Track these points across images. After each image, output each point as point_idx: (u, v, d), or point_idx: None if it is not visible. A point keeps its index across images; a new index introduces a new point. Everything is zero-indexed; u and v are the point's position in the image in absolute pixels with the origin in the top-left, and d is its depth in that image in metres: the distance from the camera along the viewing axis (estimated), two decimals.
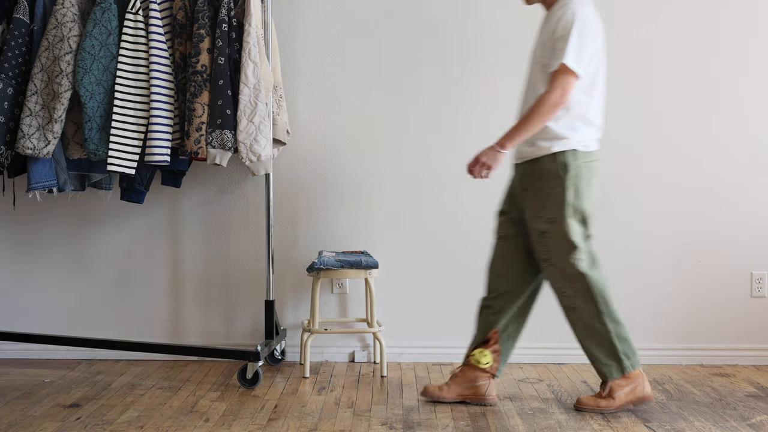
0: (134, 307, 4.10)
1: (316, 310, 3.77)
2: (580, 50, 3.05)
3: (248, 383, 3.55)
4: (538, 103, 3.06)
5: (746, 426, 3.08)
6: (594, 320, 3.21)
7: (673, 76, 4.02)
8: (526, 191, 3.21)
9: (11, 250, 4.11)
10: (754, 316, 4.04)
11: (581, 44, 3.05)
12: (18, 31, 3.53)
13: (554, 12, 3.16)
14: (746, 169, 4.03)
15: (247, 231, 4.07)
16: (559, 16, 3.11)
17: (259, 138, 3.50)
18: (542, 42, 3.18)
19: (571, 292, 3.22)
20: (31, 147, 3.49)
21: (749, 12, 4.01)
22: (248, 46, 3.49)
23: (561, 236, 3.16)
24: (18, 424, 3.08)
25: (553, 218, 3.16)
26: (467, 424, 3.08)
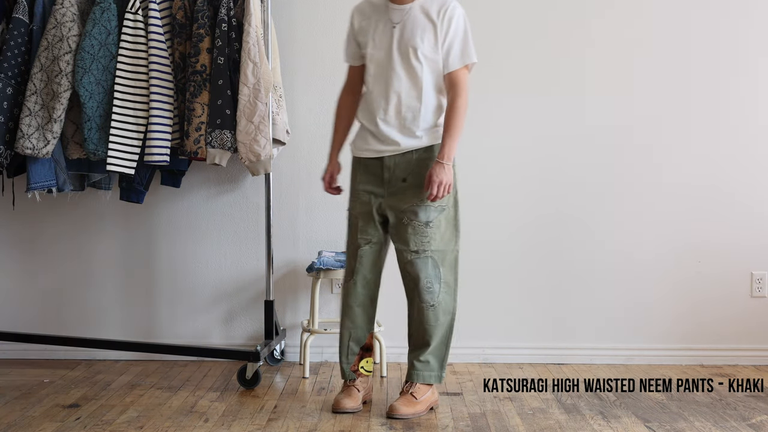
0: (133, 307, 4.10)
1: (315, 310, 3.77)
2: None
3: (248, 383, 3.54)
4: (459, 107, 3.11)
5: (746, 426, 3.08)
6: (449, 318, 3.23)
7: (673, 76, 4.02)
8: (407, 182, 3.17)
9: (11, 250, 4.11)
10: (754, 316, 4.03)
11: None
12: (17, 30, 3.53)
13: (428, 3, 3.14)
14: (746, 169, 4.03)
15: (246, 231, 4.07)
16: (444, 11, 3.11)
17: (258, 138, 3.50)
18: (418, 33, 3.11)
19: (437, 287, 3.18)
20: (30, 147, 3.48)
21: (751, 10, 4.00)
22: (248, 45, 3.49)
23: (450, 224, 3.21)
24: (17, 424, 3.07)
25: (443, 206, 3.18)
26: (467, 425, 3.08)
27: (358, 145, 3.25)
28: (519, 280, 4.05)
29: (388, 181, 3.18)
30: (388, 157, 3.17)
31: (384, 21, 3.17)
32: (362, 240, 3.22)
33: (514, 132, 4.04)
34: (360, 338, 3.29)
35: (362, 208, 3.22)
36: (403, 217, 3.17)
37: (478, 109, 4.03)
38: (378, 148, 3.18)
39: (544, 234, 4.04)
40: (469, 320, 4.05)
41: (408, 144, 3.16)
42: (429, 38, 3.12)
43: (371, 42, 3.17)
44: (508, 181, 4.04)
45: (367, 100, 3.22)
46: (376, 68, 3.17)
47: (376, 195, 3.20)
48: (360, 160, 3.23)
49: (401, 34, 3.14)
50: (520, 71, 4.03)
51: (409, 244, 3.16)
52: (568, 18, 4.02)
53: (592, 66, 4.02)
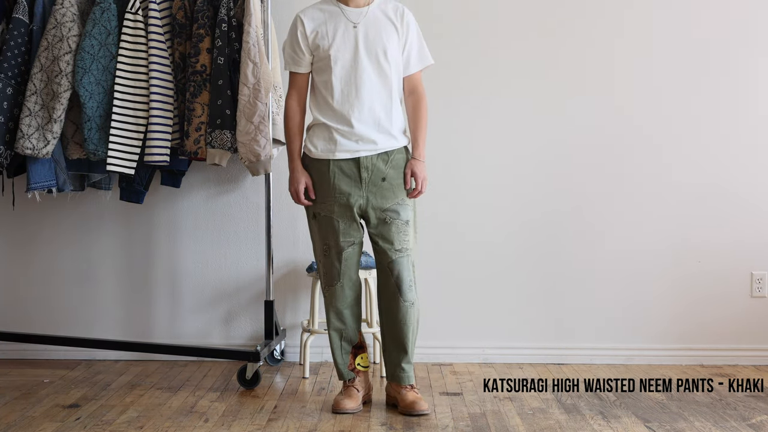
0: (133, 307, 4.10)
1: (315, 311, 3.77)
2: None
3: (248, 383, 3.54)
4: (424, 106, 3.26)
5: (746, 426, 3.08)
6: (419, 314, 3.28)
7: (673, 75, 4.02)
8: (387, 180, 3.19)
9: (11, 250, 4.11)
10: (754, 316, 4.03)
11: None
12: (17, 30, 3.53)
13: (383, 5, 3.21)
14: (747, 169, 4.03)
15: (246, 231, 4.07)
16: (401, 14, 3.22)
17: (258, 138, 3.50)
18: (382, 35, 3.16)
19: (414, 284, 3.23)
20: (30, 147, 3.48)
21: (754, 10, 4.00)
22: (248, 46, 3.49)
23: (416, 224, 3.30)
24: (17, 424, 3.07)
25: (414, 206, 3.26)
26: (467, 425, 3.08)
27: (323, 147, 3.19)
28: (519, 281, 4.05)
29: (367, 181, 3.17)
30: (364, 158, 3.17)
31: (342, 22, 3.17)
32: (345, 242, 3.21)
33: (512, 132, 4.04)
34: (351, 338, 3.31)
35: (342, 210, 3.19)
36: (386, 217, 3.18)
37: (477, 109, 4.03)
38: (353, 148, 3.16)
39: (543, 234, 4.04)
40: (469, 320, 4.05)
41: (386, 144, 3.19)
42: (393, 40, 3.19)
43: (333, 44, 3.15)
44: (507, 181, 4.04)
45: (330, 102, 3.17)
46: (342, 69, 3.15)
47: (354, 195, 3.18)
48: (329, 162, 3.18)
49: (366, 34, 3.16)
50: (518, 70, 4.03)
51: (394, 243, 3.18)
52: (569, 16, 4.02)
53: (591, 64, 4.02)
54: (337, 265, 3.22)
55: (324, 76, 3.18)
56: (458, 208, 4.03)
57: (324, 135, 3.20)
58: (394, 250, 3.18)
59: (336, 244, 3.21)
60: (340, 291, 3.24)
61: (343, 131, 3.16)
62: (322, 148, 3.20)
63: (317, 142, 3.21)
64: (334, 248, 3.21)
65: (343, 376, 3.30)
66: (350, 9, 3.19)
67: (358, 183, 3.17)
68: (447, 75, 3.99)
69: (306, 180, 3.22)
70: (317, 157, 3.21)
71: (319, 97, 3.22)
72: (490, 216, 4.05)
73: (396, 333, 3.23)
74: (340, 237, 3.20)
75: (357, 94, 3.15)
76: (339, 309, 3.26)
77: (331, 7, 3.21)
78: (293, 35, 3.22)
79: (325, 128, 3.20)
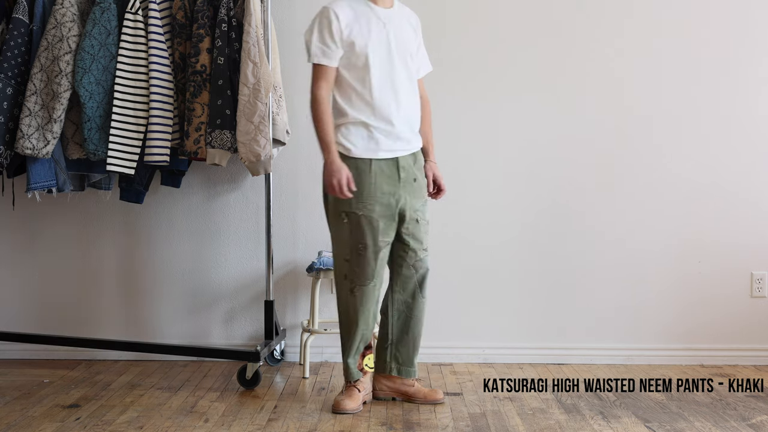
0: (134, 307, 4.10)
1: (315, 311, 3.77)
2: None
3: (248, 384, 3.54)
4: (430, 109, 3.39)
5: (746, 426, 3.08)
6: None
7: (674, 75, 4.02)
8: (417, 181, 3.27)
9: (11, 250, 4.11)
10: (754, 316, 4.03)
11: None
12: (17, 30, 3.53)
13: (401, 10, 3.29)
14: (747, 169, 4.03)
15: (246, 231, 4.07)
16: (416, 20, 3.34)
17: (258, 138, 3.50)
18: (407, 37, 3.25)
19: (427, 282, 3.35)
20: (30, 147, 3.48)
21: (755, 10, 4.00)
22: (248, 46, 3.49)
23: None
24: (17, 424, 3.07)
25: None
26: (467, 425, 3.08)
27: (364, 146, 3.16)
28: (519, 281, 4.05)
29: (404, 181, 3.22)
30: (402, 158, 3.22)
31: (374, 21, 3.18)
32: (383, 242, 3.21)
33: (511, 133, 4.04)
34: (368, 339, 3.33)
35: (384, 210, 3.18)
36: (417, 216, 3.27)
37: (475, 110, 4.03)
38: (393, 147, 3.19)
39: (543, 234, 4.04)
40: (469, 320, 4.05)
41: (416, 144, 3.29)
42: (414, 44, 3.30)
43: (370, 42, 3.15)
44: (507, 181, 4.04)
45: (368, 100, 3.15)
46: (380, 68, 3.16)
47: (396, 195, 3.20)
48: (370, 162, 3.17)
49: (395, 36, 3.20)
50: (519, 70, 4.03)
51: (422, 242, 3.30)
52: (571, 16, 4.02)
53: (592, 64, 4.02)
54: (373, 264, 3.20)
55: (360, 73, 3.15)
56: (458, 209, 4.03)
57: (362, 133, 3.17)
58: (422, 249, 3.29)
59: (374, 243, 3.18)
60: (371, 291, 3.22)
61: (384, 130, 3.17)
62: (362, 147, 3.17)
63: (356, 140, 3.17)
64: (372, 247, 3.18)
65: (352, 377, 3.29)
66: (380, 9, 3.21)
67: (397, 183, 3.21)
68: (447, 74, 3.98)
69: (346, 172, 3.12)
70: (357, 156, 3.16)
71: (353, 94, 3.17)
72: (490, 216, 4.04)
73: (411, 328, 3.32)
74: (379, 236, 3.18)
75: (395, 93, 3.18)
76: (368, 309, 3.24)
77: (361, 5, 3.19)
78: (326, 28, 3.13)
79: (363, 126, 3.17)
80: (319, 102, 3.15)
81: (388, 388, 3.35)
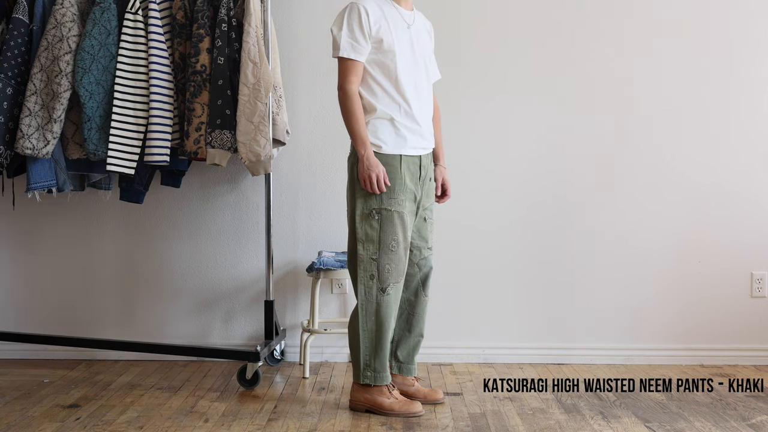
0: (134, 307, 4.10)
1: (315, 311, 3.77)
2: None
3: (248, 383, 3.54)
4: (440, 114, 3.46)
5: (746, 426, 3.08)
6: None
7: (676, 74, 4.02)
8: (431, 180, 3.35)
9: (11, 250, 4.11)
10: (754, 316, 4.03)
11: None
12: (17, 30, 3.53)
13: (418, 15, 3.34)
14: (748, 169, 4.03)
15: (246, 231, 4.07)
16: (429, 26, 3.40)
17: (258, 138, 3.50)
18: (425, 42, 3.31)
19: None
20: (30, 147, 3.48)
21: (756, 8, 4.00)
22: (248, 46, 3.49)
23: None
24: (17, 424, 3.07)
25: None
26: (467, 425, 3.08)
27: (393, 143, 3.17)
28: (519, 281, 4.05)
29: (423, 179, 3.27)
30: (424, 156, 3.27)
31: (400, 21, 3.22)
32: (408, 239, 3.22)
33: (511, 135, 4.04)
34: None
35: (411, 206, 3.22)
36: (426, 215, 3.32)
37: (475, 110, 4.03)
38: (419, 145, 3.24)
39: (543, 234, 4.04)
40: (469, 320, 4.05)
41: (433, 144, 3.34)
42: (430, 50, 3.36)
43: (396, 41, 3.17)
44: (506, 181, 4.04)
45: (395, 98, 3.17)
46: (406, 67, 3.19)
47: (417, 192, 3.26)
48: (400, 158, 3.18)
49: (417, 38, 3.26)
50: (520, 69, 4.03)
51: (428, 240, 3.34)
52: (572, 16, 4.02)
53: (593, 64, 4.02)
54: (405, 260, 3.20)
55: (387, 71, 3.17)
56: (458, 209, 4.03)
57: (389, 130, 3.18)
58: (427, 248, 3.33)
59: (404, 239, 3.19)
60: (400, 288, 3.22)
61: (410, 127, 3.20)
62: (392, 143, 3.18)
63: (385, 137, 3.17)
64: (403, 243, 3.18)
65: (385, 380, 3.21)
66: (404, 10, 3.25)
67: (418, 180, 3.25)
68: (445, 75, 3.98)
69: (383, 166, 3.14)
70: (388, 153, 3.17)
71: (378, 91, 3.17)
72: (490, 216, 4.05)
73: (413, 326, 3.35)
74: (408, 232, 3.21)
75: (418, 93, 3.22)
76: (395, 307, 3.20)
77: (388, 5, 3.21)
78: (355, 22, 3.13)
79: (390, 123, 3.17)
80: (350, 97, 3.14)
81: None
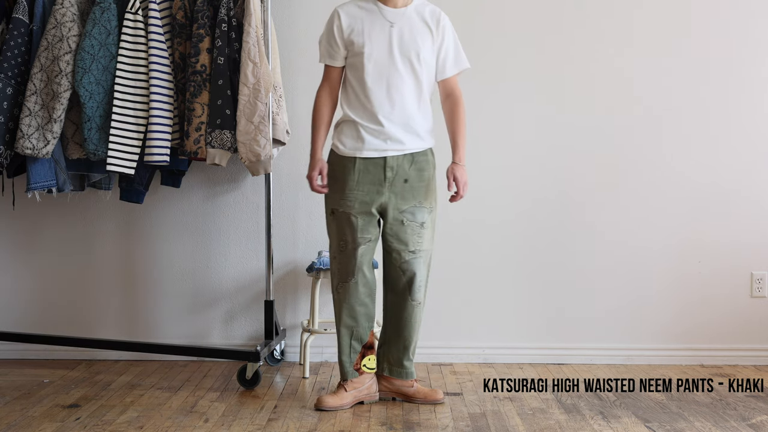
0: (134, 307, 4.10)
1: (315, 311, 3.77)
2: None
3: (248, 383, 3.54)
4: (462, 109, 3.31)
5: (746, 426, 3.08)
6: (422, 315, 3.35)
7: (676, 74, 4.02)
8: (409, 182, 3.24)
9: (11, 250, 4.11)
10: (754, 316, 4.03)
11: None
12: (17, 30, 3.53)
13: (420, 8, 3.25)
14: (748, 168, 4.03)
15: (246, 231, 4.07)
16: (437, 18, 3.25)
17: (258, 138, 3.50)
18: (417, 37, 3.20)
19: (425, 285, 3.31)
20: (30, 147, 3.48)
21: (760, 11, 4.00)
22: (248, 46, 3.49)
23: (433, 225, 3.34)
24: (17, 424, 3.07)
25: (432, 208, 3.31)
26: (467, 425, 3.08)
27: (351, 145, 3.23)
28: (519, 281, 4.05)
29: (391, 180, 3.21)
30: (391, 157, 3.21)
31: (379, 21, 3.21)
32: (362, 239, 3.24)
33: (511, 133, 4.04)
34: (362, 336, 3.32)
35: (362, 207, 3.23)
36: (403, 218, 3.24)
37: (475, 107, 4.03)
38: (381, 147, 3.20)
39: (543, 234, 4.04)
40: (469, 320, 4.05)
41: (413, 145, 3.24)
42: (428, 43, 3.23)
43: (368, 41, 3.18)
44: (507, 181, 4.04)
45: (362, 99, 3.21)
46: (376, 68, 3.18)
47: (377, 194, 3.21)
48: (355, 160, 3.22)
49: (401, 35, 3.20)
50: (521, 68, 4.03)
51: (408, 244, 3.25)
52: (576, 14, 4.02)
53: (595, 62, 4.02)
54: (353, 261, 3.24)
55: (357, 73, 3.21)
56: (458, 208, 4.03)
57: (352, 133, 3.23)
58: (408, 252, 3.25)
59: (353, 240, 3.24)
60: (354, 288, 3.27)
61: (372, 129, 3.20)
62: (349, 146, 3.23)
63: (345, 140, 3.24)
64: (351, 244, 3.24)
65: (342, 376, 3.32)
66: (388, 9, 3.22)
67: (382, 182, 3.21)
68: None
69: (321, 167, 3.26)
70: (344, 155, 3.24)
71: (351, 94, 3.24)
72: (491, 216, 4.04)
73: (401, 330, 3.30)
74: (358, 233, 3.23)
75: (388, 93, 3.19)
76: (351, 305, 3.28)
77: (370, 5, 3.24)
78: (330, 29, 3.26)
79: (353, 125, 3.23)
80: (315, 101, 3.33)
81: (386, 389, 3.36)
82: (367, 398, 3.34)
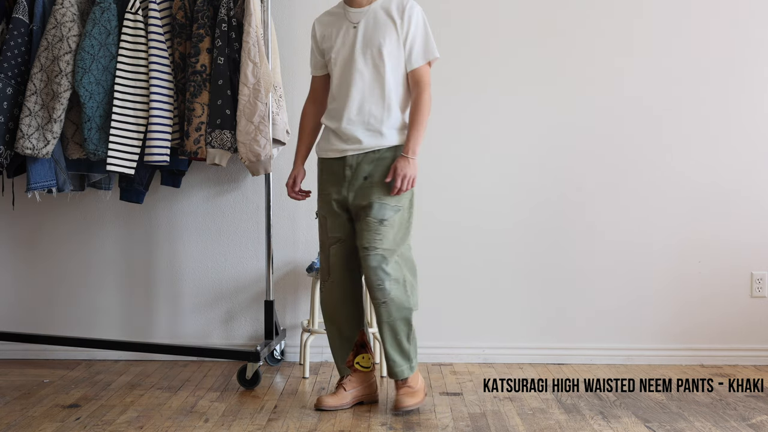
0: (134, 307, 4.10)
1: (315, 311, 3.77)
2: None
3: (248, 383, 3.54)
4: (424, 103, 3.18)
5: (746, 426, 3.08)
6: (404, 314, 3.20)
7: (676, 74, 4.02)
8: (369, 179, 3.19)
9: (11, 250, 4.11)
10: (754, 316, 4.03)
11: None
12: (17, 30, 3.53)
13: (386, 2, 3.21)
14: (748, 168, 4.03)
15: (246, 231, 4.07)
16: (403, 9, 3.18)
17: (258, 138, 3.50)
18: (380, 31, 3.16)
19: (387, 284, 3.14)
20: (30, 147, 3.48)
21: (762, 11, 4.00)
22: (248, 45, 3.49)
23: (403, 225, 3.22)
24: (17, 424, 3.07)
25: (400, 207, 3.20)
26: (467, 425, 3.08)
27: (321, 147, 3.32)
28: (519, 281, 4.05)
29: (350, 179, 3.22)
30: (350, 156, 3.21)
31: (345, 24, 3.24)
32: (332, 239, 3.28)
33: (512, 133, 4.03)
34: (349, 336, 3.33)
35: (328, 207, 3.28)
36: (361, 214, 3.21)
37: (475, 107, 4.03)
38: (341, 147, 3.22)
39: (543, 234, 4.04)
40: (469, 320, 4.05)
41: (371, 143, 3.19)
42: (391, 36, 3.18)
43: (334, 46, 3.24)
44: (507, 181, 4.04)
45: (333, 104, 3.28)
46: (339, 70, 3.24)
47: (339, 193, 3.23)
48: (324, 161, 3.30)
49: (363, 34, 3.20)
50: (523, 66, 4.03)
51: (362, 240, 3.18)
52: (576, 13, 4.02)
53: (598, 62, 4.02)
54: (328, 260, 3.30)
55: (331, 79, 3.30)
56: (458, 208, 4.03)
57: (325, 135, 3.32)
58: (362, 248, 3.17)
59: (326, 239, 3.30)
60: (330, 287, 3.31)
61: (335, 130, 3.25)
62: (321, 148, 3.32)
63: (320, 143, 3.34)
64: (325, 243, 3.31)
65: (340, 372, 3.36)
66: (353, 10, 3.24)
67: (342, 181, 3.23)
68: (446, 71, 3.98)
69: (295, 174, 3.39)
70: (319, 157, 3.34)
71: (328, 99, 3.33)
72: (490, 216, 4.04)
73: (379, 329, 3.24)
74: (328, 233, 3.29)
75: (347, 93, 3.21)
76: (330, 305, 3.33)
77: (338, 10, 3.30)
78: (311, 40, 3.35)
79: (326, 129, 3.32)
80: (303, 109, 3.44)
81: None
82: (367, 398, 3.34)
